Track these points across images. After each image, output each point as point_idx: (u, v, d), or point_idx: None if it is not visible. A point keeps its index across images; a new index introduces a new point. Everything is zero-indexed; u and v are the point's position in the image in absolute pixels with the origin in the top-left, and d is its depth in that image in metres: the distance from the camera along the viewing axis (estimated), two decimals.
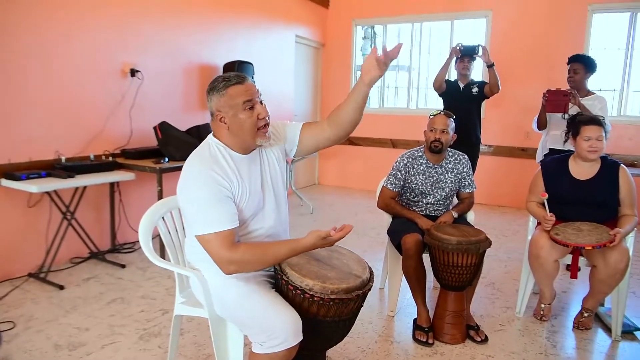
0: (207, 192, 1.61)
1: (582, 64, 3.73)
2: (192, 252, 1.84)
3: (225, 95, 1.66)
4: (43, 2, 3.38)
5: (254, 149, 1.79)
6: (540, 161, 3.17)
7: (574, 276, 2.72)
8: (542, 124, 3.88)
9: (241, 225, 1.72)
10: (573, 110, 3.57)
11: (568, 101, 3.56)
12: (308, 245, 1.60)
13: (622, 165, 2.74)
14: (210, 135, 1.79)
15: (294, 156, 1.98)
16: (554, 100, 3.62)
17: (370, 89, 1.77)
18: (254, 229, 1.78)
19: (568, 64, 3.82)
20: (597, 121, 2.74)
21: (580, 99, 3.62)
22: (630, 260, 2.66)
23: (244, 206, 1.71)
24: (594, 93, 3.79)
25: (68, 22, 3.55)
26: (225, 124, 1.69)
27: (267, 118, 1.72)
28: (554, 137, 3.80)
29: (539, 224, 2.91)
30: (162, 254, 3.46)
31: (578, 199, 2.73)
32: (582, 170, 2.78)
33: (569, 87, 3.71)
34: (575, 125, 2.81)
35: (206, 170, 1.64)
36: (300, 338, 1.57)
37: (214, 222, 1.59)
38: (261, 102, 1.72)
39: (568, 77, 3.78)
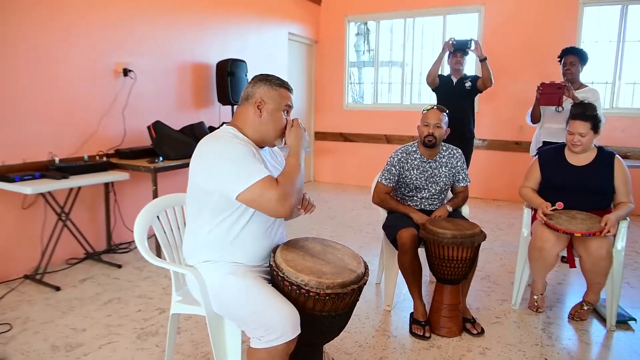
0: (244, 150, 1.67)
1: (577, 56, 3.74)
2: (192, 249, 1.84)
3: (277, 91, 1.81)
4: (36, 5, 3.36)
5: (262, 147, 1.87)
6: (537, 148, 3.19)
7: (572, 265, 2.74)
8: (536, 117, 3.90)
9: (244, 213, 1.74)
10: (567, 103, 3.58)
11: (562, 94, 3.57)
12: (293, 142, 1.78)
13: (617, 155, 2.80)
14: (223, 126, 1.84)
15: None
16: (548, 94, 3.63)
17: None
18: (255, 219, 1.77)
19: (560, 57, 3.83)
20: (584, 116, 2.77)
21: (574, 91, 3.64)
22: (623, 250, 2.69)
23: None
24: (586, 86, 3.81)
25: (60, 24, 3.53)
26: (261, 111, 1.79)
27: None
28: (548, 130, 3.82)
29: (534, 217, 2.94)
30: (158, 253, 3.46)
31: (573, 185, 2.77)
32: (578, 158, 2.83)
33: (562, 80, 3.72)
34: (570, 115, 2.86)
35: (235, 140, 1.71)
36: (299, 332, 1.58)
37: (254, 172, 1.63)
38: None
39: (564, 69, 3.77)
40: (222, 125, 1.89)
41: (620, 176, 2.73)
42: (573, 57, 3.74)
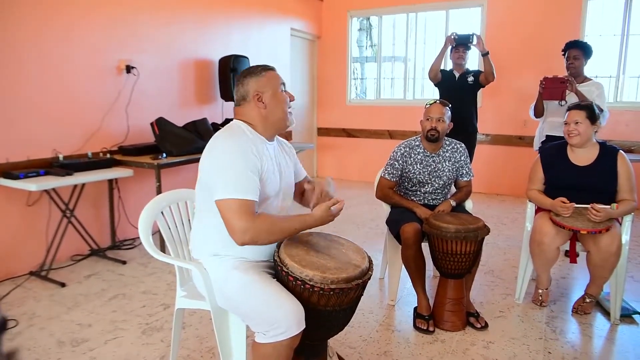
0: (243, 160, 1.66)
1: (581, 50, 3.70)
2: (199, 243, 1.85)
3: (264, 77, 1.81)
4: (38, 4, 3.37)
5: (274, 137, 1.88)
6: (539, 148, 3.17)
7: (573, 261, 2.75)
8: (539, 112, 3.88)
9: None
10: (571, 97, 3.56)
11: (565, 88, 3.54)
12: (317, 218, 1.72)
13: (620, 151, 2.75)
14: (234, 120, 1.84)
15: None
16: (551, 88, 3.60)
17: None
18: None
19: (564, 51, 3.80)
20: (579, 106, 2.77)
21: (577, 85, 3.62)
22: (627, 245, 2.69)
23: (262, 186, 1.75)
24: (591, 79, 3.78)
25: (63, 22, 3.54)
26: (263, 102, 1.79)
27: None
28: (551, 124, 3.80)
29: (537, 210, 2.93)
30: (163, 249, 3.47)
31: (576, 185, 2.74)
32: (580, 156, 2.79)
33: (566, 75, 3.70)
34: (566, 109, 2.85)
35: (243, 143, 1.71)
36: (303, 326, 1.59)
37: (242, 189, 1.63)
38: None
39: (568, 63, 3.74)
40: (226, 121, 1.89)
41: (624, 173, 2.69)
42: (577, 50, 3.71)
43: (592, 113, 2.72)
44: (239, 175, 1.64)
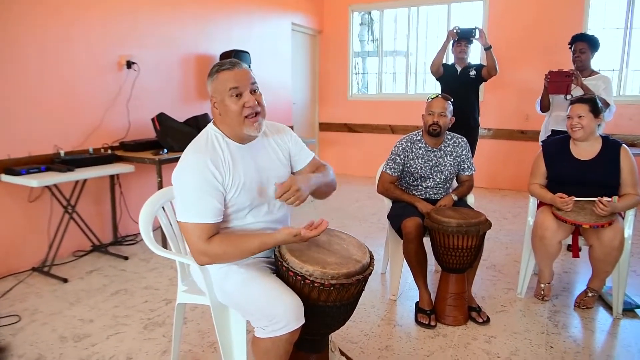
0: (198, 181, 1.64)
1: (587, 43, 3.66)
2: None
3: (216, 80, 1.69)
4: (39, 0, 3.35)
5: (249, 140, 1.78)
6: (542, 142, 3.15)
7: (575, 255, 2.74)
8: (544, 106, 3.84)
9: (237, 215, 1.75)
10: (576, 91, 3.53)
11: (570, 82, 3.50)
12: (279, 240, 1.64)
13: (623, 145, 2.73)
14: (210, 124, 1.80)
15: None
16: (556, 82, 3.57)
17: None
18: (251, 221, 1.79)
19: (571, 44, 3.75)
20: (582, 99, 2.75)
21: (584, 79, 3.58)
22: (630, 239, 2.67)
23: (236, 197, 1.71)
24: (598, 72, 3.74)
25: (64, 18, 3.53)
26: (217, 109, 1.73)
27: (256, 107, 1.69)
28: (556, 119, 3.77)
29: (540, 205, 2.92)
30: (165, 245, 3.48)
31: (579, 179, 2.72)
32: (583, 150, 2.77)
33: (571, 68, 3.66)
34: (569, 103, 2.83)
35: (201, 159, 1.66)
36: (303, 321, 1.58)
37: (197, 213, 1.63)
38: (254, 91, 1.70)
39: (574, 57, 3.70)
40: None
41: (627, 167, 2.67)
42: (583, 44, 3.66)
43: (595, 106, 2.70)
44: (194, 198, 1.64)
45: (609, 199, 2.50)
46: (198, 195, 1.63)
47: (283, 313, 1.55)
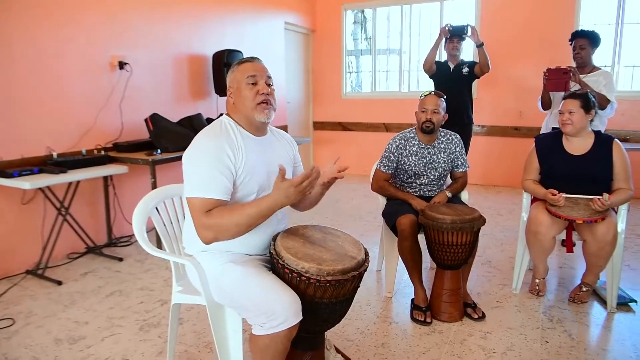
0: (212, 159, 1.67)
1: (587, 39, 3.63)
2: (191, 239, 1.84)
3: (235, 71, 1.83)
4: (31, 1, 3.34)
5: (261, 129, 1.85)
6: (535, 137, 3.15)
7: (569, 250, 2.75)
8: (546, 104, 3.81)
9: (243, 202, 1.75)
10: (575, 88, 3.52)
11: (569, 79, 3.46)
12: (276, 197, 1.59)
13: (616, 140, 2.74)
14: (222, 116, 1.87)
15: None
16: (555, 79, 3.53)
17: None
18: None
19: (571, 40, 3.73)
20: (573, 95, 2.77)
21: (585, 75, 3.57)
22: (623, 233, 2.69)
23: (245, 182, 1.74)
24: (599, 68, 3.71)
25: (56, 19, 3.51)
26: (232, 97, 1.83)
27: (269, 97, 1.79)
28: (556, 116, 3.76)
29: (533, 200, 2.93)
30: (159, 245, 3.46)
31: (572, 174, 2.74)
32: (575, 145, 2.79)
33: (569, 65, 3.64)
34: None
35: (217, 140, 1.71)
36: (300, 317, 1.58)
37: (205, 187, 1.64)
38: (269, 85, 1.82)
39: (574, 53, 3.68)
40: (220, 115, 1.90)
41: (619, 161, 2.69)
42: (583, 40, 3.63)
43: (586, 102, 2.71)
44: (204, 173, 1.65)
45: (599, 197, 2.51)
46: (210, 172, 1.65)
47: (281, 309, 1.55)
